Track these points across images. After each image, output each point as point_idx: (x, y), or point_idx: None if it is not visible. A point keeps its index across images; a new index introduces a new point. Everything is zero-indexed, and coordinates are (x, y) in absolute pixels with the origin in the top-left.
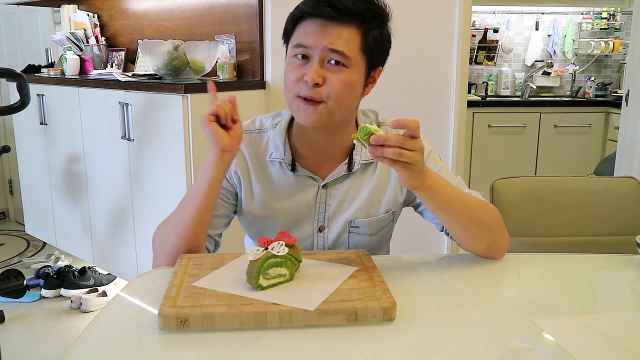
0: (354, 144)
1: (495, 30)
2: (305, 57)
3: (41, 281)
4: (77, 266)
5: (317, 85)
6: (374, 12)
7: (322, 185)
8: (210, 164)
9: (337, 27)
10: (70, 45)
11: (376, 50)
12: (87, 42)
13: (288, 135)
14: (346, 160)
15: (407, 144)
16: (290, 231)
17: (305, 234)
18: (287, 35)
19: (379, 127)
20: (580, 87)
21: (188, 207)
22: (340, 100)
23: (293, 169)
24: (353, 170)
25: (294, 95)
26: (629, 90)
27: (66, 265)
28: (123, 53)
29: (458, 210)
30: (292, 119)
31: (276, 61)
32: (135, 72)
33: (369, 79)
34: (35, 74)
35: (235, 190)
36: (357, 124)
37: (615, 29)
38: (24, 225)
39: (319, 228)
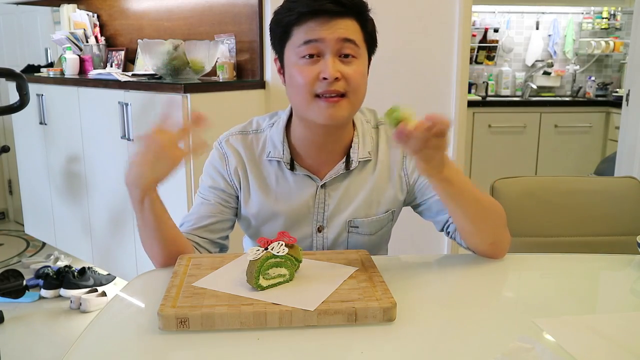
0: (352, 142)
1: (496, 30)
2: (313, 55)
3: (41, 281)
4: (77, 266)
5: (336, 79)
6: (365, 3)
7: (321, 185)
8: (151, 202)
9: (341, 20)
10: (69, 45)
11: (373, 39)
12: (87, 41)
13: (287, 135)
14: (344, 159)
15: (432, 141)
16: (289, 231)
17: (304, 234)
18: (280, 41)
19: (378, 127)
20: (580, 87)
21: (151, 239)
22: (359, 92)
23: (292, 168)
24: (351, 169)
25: (312, 96)
26: (629, 90)
27: (66, 266)
28: (123, 53)
29: (469, 203)
30: (289, 118)
31: None
32: (135, 72)
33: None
34: (35, 74)
35: (236, 193)
36: (353, 123)
37: (616, 28)
38: (23, 225)
39: (318, 228)
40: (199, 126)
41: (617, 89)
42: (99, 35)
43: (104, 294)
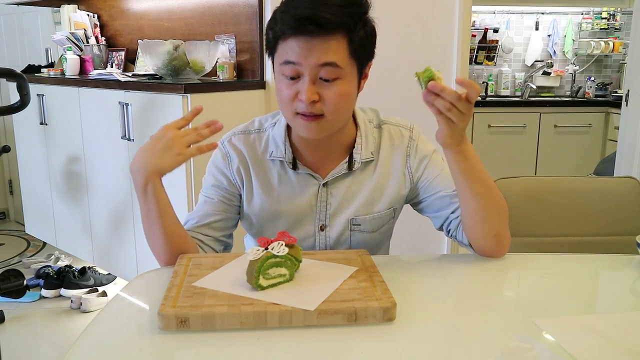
0: (354, 142)
1: (495, 30)
2: (294, 76)
3: (41, 281)
4: (77, 266)
5: (313, 102)
6: (355, 15)
7: (323, 184)
8: (154, 189)
9: (322, 40)
10: (70, 45)
11: (365, 50)
12: (87, 42)
13: (288, 134)
14: (346, 159)
15: (460, 103)
16: (291, 231)
17: (306, 233)
18: (271, 49)
19: (380, 126)
20: (580, 87)
21: (154, 231)
22: (339, 112)
23: (294, 167)
24: (353, 169)
25: (293, 113)
26: (629, 90)
27: (66, 265)
28: (123, 53)
29: (480, 183)
30: None
31: None
32: (135, 72)
33: (362, 77)
34: (35, 74)
35: (239, 192)
36: (355, 122)
37: (615, 29)
38: (24, 225)
39: (321, 227)
40: (196, 115)
41: (617, 89)
42: (99, 35)
43: (104, 293)
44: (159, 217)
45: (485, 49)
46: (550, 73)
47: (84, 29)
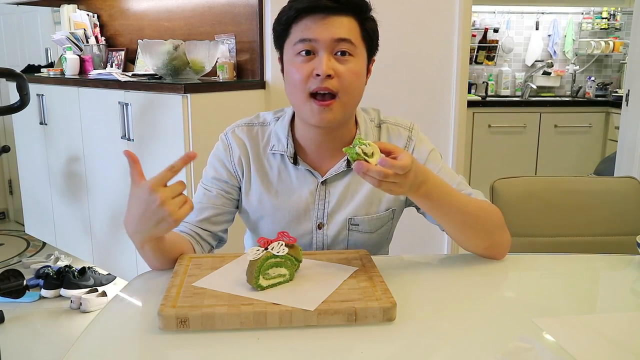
0: (354, 141)
1: (496, 30)
2: (309, 52)
3: (41, 281)
4: (77, 266)
5: (329, 77)
6: (366, 2)
7: (322, 182)
8: (152, 248)
9: (338, 17)
10: (70, 45)
11: (372, 40)
12: (87, 42)
13: (291, 129)
14: (345, 157)
15: (387, 180)
16: (289, 227)
17: (304, 230)
18: (280, 39)
19: (379, 126)
20: (580, 87)
21: (148, 260)
22: (352, 92)
23: (295, 162)
24: (352, 167)
25: (307, 95)
26: (629, 90)
27: (66, 266)
28: (123, 53)
29: (452, 215)
30: (294, 113)
31: (276, 61)
32: (135, 72)
33: (367, 71)
34: (35, 74)
35: (239, 184)
36: (356, 122)
37: (616, 28)
38: (23, 225)
39: (318, 225)
40: (188, 163)
41: (617, 89)
42: (99, 35)
43: (104, 293)
44: (156, 258)
45: (486, 48)
46: (550, 73)
47: (84, 29)
